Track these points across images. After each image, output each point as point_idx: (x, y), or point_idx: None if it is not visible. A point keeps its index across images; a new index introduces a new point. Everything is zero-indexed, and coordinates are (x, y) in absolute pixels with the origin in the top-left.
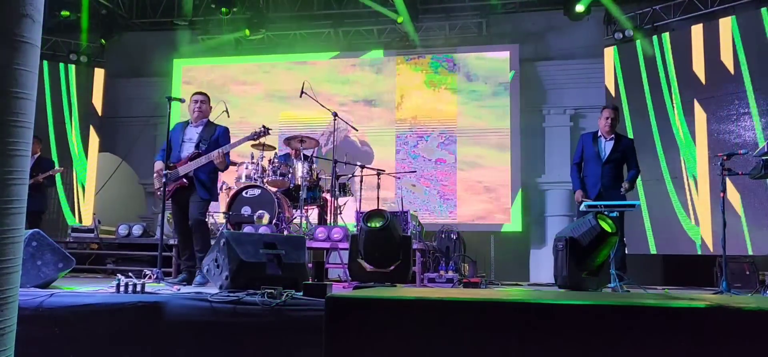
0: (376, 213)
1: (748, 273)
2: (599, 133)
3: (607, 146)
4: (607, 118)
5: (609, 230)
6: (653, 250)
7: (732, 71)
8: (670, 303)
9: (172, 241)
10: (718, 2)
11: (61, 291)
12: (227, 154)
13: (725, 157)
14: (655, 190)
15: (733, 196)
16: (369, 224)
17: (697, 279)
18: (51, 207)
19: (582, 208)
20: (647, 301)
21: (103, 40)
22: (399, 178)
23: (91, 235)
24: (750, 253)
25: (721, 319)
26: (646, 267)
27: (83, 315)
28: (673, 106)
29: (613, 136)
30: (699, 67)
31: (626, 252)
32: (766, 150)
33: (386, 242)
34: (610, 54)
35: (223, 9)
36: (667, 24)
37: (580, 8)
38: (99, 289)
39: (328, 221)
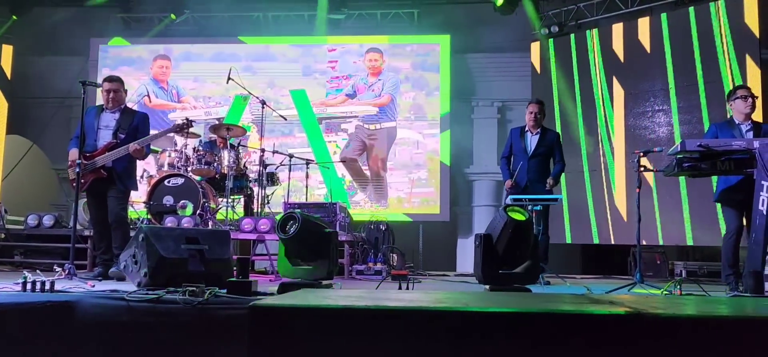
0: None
1: (659, 262)
2: (526, 128)
3: (532, 140)
4: (531, 113)
5: (521, 219)
6: (570, 240)
7: (650, 69)
8: (590, 309)
9: (86, 233)
10: (638, 2)
11: None
12: (147, 145)
13: (641, 154)
14: (575, 181)
15: (648, 188)
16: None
17: (612, 268)
18: None
19: (508, 200)
20: (568, 308)
21: (13, 16)
22: (327, 167)
23: None
24: (661, 243)
25: (639, 326)
26: (566, 256)
27: None
28: (594, 102)
29: (538, 130)
30: (619, 64)
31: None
32: (679, 149)
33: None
34: (536, 48)
35: None
36: (591, 21)
37: (499, 1)
38: (3, 286)
39: (256, 211)
